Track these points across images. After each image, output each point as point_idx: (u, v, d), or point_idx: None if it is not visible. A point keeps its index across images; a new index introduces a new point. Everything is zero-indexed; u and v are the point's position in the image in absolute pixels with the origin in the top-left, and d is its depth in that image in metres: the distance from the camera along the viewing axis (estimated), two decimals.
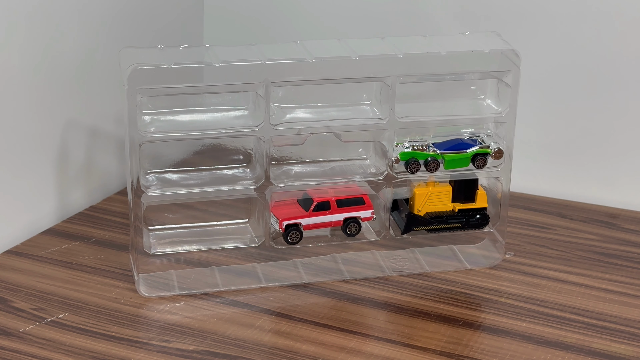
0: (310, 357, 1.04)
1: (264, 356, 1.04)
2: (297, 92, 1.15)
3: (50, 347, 1.04)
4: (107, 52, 1.37)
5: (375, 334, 1.10)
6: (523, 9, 1.45)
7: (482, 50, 1.15)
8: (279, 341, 1.07)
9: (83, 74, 1.35)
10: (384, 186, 1.18)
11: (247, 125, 1.13)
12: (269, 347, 1.06)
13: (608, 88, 1.43)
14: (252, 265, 1.22)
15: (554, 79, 1.46)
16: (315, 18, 1.54)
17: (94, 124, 1.38)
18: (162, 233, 1.21)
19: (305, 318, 1.12)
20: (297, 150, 1.19)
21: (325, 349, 1.06)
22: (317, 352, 1.05)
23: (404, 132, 1.18)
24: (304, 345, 1.06)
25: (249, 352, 1.05)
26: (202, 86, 1.11)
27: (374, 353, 1.06)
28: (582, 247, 1.32)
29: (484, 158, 1.19)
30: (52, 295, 1.14)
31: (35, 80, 1.28)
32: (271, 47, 1.14)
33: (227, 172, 1.19)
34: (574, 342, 1.09)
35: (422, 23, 1.48)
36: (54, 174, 1.33)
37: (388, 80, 1.13)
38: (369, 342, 1.08)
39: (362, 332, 1.10)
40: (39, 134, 1.30)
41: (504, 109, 1.18)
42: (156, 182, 1.16)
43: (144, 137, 1.10)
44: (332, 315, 1.13)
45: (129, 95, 1.07)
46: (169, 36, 1.50)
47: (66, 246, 1.26)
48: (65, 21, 1.30)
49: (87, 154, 1.38)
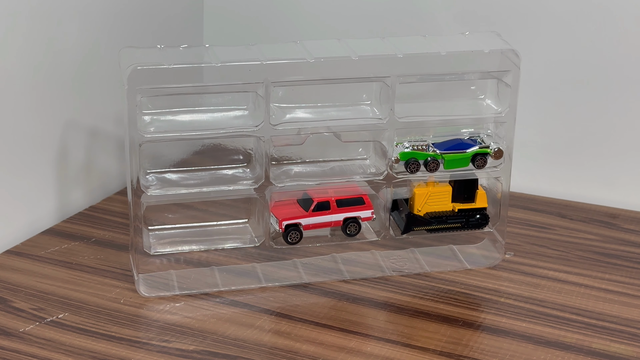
0: (310, 357, 1.04)
1: (264, 356, 1.04)
2: (297, 92, 1.15)
3: (50, 347, 1.04)
4: (107, 52, 1.37)
5: (375, 334, 1.10)
6: (523, 9, 1.44)
7: (482, 50, 1.15)
8: (278, 341, 1.07)
9: (83, 74, 1.35)
10: (383, 186, 1.18)
11: (247, 125, 1.13)
12: (269, 347, 1.06)
13: (608, 88, 1.43)
14: (252, 265, 1.22)
15: (554, 79, 1.46)
16: (315, 18, 1.54)
17: (94, 124, 1.38)
18: (162, 233, 1.21)
19: (305, 318, 1.12)
20: (297, 150, 1.19)
21: (325, 349, 1.06)
22: (317, 352, 1.05)
23: (404, 132, 1.18)
24: (303, 345, 1.06)
25: (248, 352, 1.05)
26: (201, 86, 1.11)
27: (373, 353, 1.05)
28: (582, 247, 1.32)
29: (483, 158, 1.19)
30: (52, 295, 1.14)
31: (35, 80, 1.28)
32: (271, 47, 1.14)
33: (227, 172, 1.19)
34: (574, 342, 1.09)
35: (422, 23, 1.48)
36: (54, 174, 1.33)
37: (388, 80, 1.13)
38: (369, 342, 1.08)
39: (362, 332, 1.10)
40: (39, 134, 1.30)
41: (504, 109, 1.18)
42: (156, 182, 1.16)
43: (143, 137, 1.10)
44: (332, 315, 1.13)
45: (128, 95, 1.07)
46: (168, 36, 1.50)
47: (66, 246, 1.26)
48: (66, 21, 1.30)
49: (87, 154, 1.38)
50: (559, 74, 1.45)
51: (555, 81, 1.46)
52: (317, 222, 1.17)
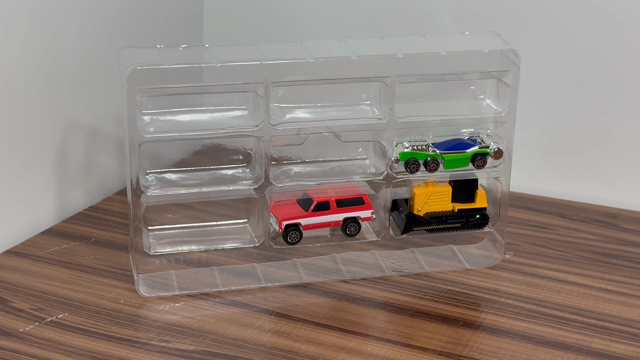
0: (310, 357, 1.04)
1: (264, 356, 1.04)
2: (297, 92, 1.15)
3: (49, 347, 1.04)
4: (107, 52, 1.37)
5: (375, 334, 1.10)
6: (523, 10, 1.44)
7: (481, 50, 1.15)
8: (278, 341, 1.07)
9: (83, 74, 1.35)
10: (383, 186, 1.18)
11: (246, 125, 1.13)
12: (269, 347, 1.06)
13: (608, 88, 1.43)
14: (252, 265, 1.22)
15: (554, 79, 1.46)
16: (315, 18, 1.54)
17: (94, 124, 1.38)
18: (162, 233, 1.21)
19: (305, 318, 1.12)
20: (296, 150, 1.19)
21: (325, 349, 1.06)
22: (316, 352, 1.05)
23: (404, 132, 1.18)
24: (303, 346, 1.06)
25: (248, 352, 1.05)
26: (201, 86, 1.11)
27: (373, 353, 1.05)
28: (582, 247, 1.32)
29: (483, 158, 1.19)
30: (51, 296, 1.14)
31: (35, 80, 1.28)
32: (270, 47, 1.14)
33: (226, 172, 1.19)
34: (574, 342, 1.09)
35: (422, 23, 1.48)
36: (54, 174, 1.33)
37: (387, 80, 1.13)
38: (369, 342, 1.08)
39: (361, 332, 1.10)
40: (39, 134, 1.30)
41: (504, 109, 1.18)
42: (156, 182, 1.16)
43: (143, 137, 1.10)
44: (331, 315, 1.13)
45: (128, 95, 1.07)
46: (168, 36, 1.50)
47: (65, 246, 1.26)
48: (65, 21, 1.30)
49: (87, 154, 1.38)
50: (559, 74, 1.45)
51: (555, 81, 1.46)
52: (317, 222, 1.17)
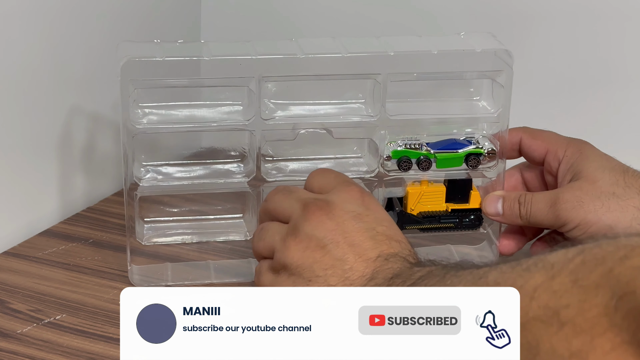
0: None
1: None
2: (290, 89, 1.16)
3: (47, 349, 1.04)
4: (107, 51, 1.36)
5: None
6: (523, 10, 1.44)
7: (473, 50, 1.15)
8: None
9: (83, 73, 1.36)
10: (375, 184, 1.19)
11: (238, 119, 1.14)
12: None
13: (607, 88, 1.43)
14: (248, 260, 1.22)
15: (551, 80, 1.45)
16: (313, 16, 1.55)
17: (93, 125, 1.38)
18: (157, 226, 1.22)
19: None
20: (290, 147, 1.20)
21: None
22: None
23: (397, 131, 1.18)
24: None
25: None
26: (193, 79, 1.12)
27: None
28: None
29: (477, 158, 1.19)
30: (49, 297, 1.14)
31: (34, 79, 1.28)
32: (265, 43, 1.15)
33: (221, 166, 1.20)
34: None
35: (421, 23, 1.48)
36: (53, 175, 1.33)
37: (379, 78, 1.14)
38: None
39: None
40: (37, 134, 1.30)
41: (497, 109, 1.18)
42: (151, 174, 1.17)
43: (136, 128, 1.11)
44: None
45: (122, 86, 1.08)
46: (166, 32, 1.50)
47: (64, 247, 1.26)
48: (62, 17, 1.30)
49: (86, 155, 1.38)
50: (557, 74, 1.45)
51: (553, 82, 1.45)
52: None
